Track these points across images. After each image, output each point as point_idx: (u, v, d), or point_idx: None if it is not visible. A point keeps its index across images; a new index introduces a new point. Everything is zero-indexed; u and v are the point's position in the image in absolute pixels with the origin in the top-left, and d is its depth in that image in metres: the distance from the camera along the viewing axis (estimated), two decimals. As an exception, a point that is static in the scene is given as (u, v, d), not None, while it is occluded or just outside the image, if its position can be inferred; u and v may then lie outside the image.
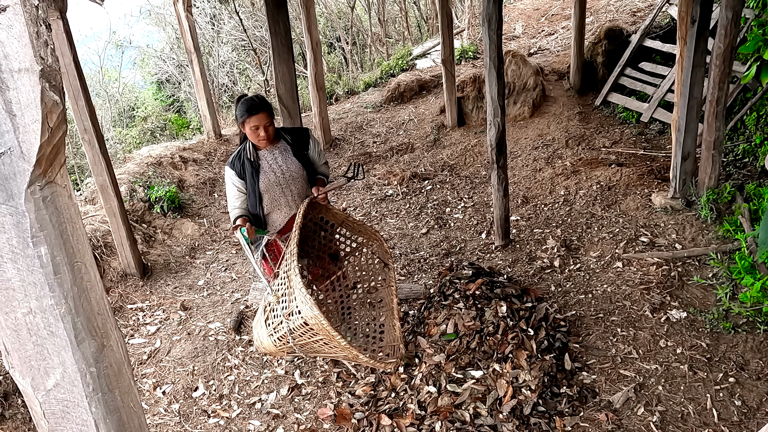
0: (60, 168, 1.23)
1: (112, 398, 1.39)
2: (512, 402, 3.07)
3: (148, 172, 6.45)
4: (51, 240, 1.21)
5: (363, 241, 3.62)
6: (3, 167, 1.13)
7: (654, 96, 6.73)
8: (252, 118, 3.16)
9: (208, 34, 12.74)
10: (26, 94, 1.10)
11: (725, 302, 3.69)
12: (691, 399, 3.09)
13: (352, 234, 3.62)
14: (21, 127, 1.11)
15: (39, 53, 1.09)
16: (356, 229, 3.58)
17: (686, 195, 4.82)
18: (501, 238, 4.87)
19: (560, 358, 3.40)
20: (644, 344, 3.51)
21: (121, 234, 4.91)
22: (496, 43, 4.20)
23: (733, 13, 4.23)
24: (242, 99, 3.23)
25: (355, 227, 3.57)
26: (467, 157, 6.91)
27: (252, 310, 4.48)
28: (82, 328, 1.30)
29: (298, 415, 3.41)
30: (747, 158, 5.33)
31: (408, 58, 10.22)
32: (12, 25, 1.06)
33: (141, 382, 3.87)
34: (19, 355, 1.29)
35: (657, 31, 7.44)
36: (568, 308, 3.96)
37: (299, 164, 3.40)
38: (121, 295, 4.90)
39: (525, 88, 7.44)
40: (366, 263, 3.66)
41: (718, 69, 4.44)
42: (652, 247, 4.44)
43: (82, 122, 4.52)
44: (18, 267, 1.21)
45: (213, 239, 5.92)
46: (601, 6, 9.77)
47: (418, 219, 5.71)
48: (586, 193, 5.42)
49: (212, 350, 4.09)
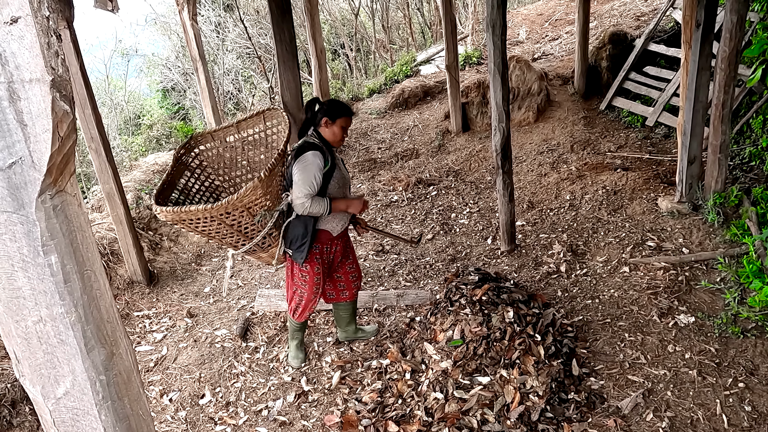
0: (70, 177, 1.24)
1: (121, 406, 1.39)
2: (520, 408, 3.05)
3: (154, 180, 6.48)
4: (61, 248, 1.22)
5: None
6: (14, 176, 1.14)
7: (659, 100, 6.72)
8: (348, 119, 3.33)
9: (213, 42, 12.82)
10: (37, 104, 1.11)
11: (733, 306, 3.67)
12: (701, 404, 3.07)
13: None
14: (32, 136, 1.12)
15: (50, 64, 1.10)
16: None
17: (693, 199, 4.80)
18: (507, 243, 4.86)
19: (568, 363, 3.39)
20: (652, 349, 3.49)
21: (128, 241, 4.93)
22: (500, 48, 4.20)
23: (737, 17, 4.23)
24: (334, 100, 3.40)
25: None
26: (472, 162, 6.91)
27: (258, 317, 4.48)
28: (92, 336, 1.30)
29: (304, 422, 3.40)
30: (754, 161, 5.31)
31: (412, 64, 10.24)
32: (23, 36, 1.07)
33: (148, 389, 3.87)
34: (30, 364, 1.29)
35: (661, 35, 7.44)
36: (575, 313, 3.94)
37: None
38: (128, 303, 4.91)
39: (529, 93, 7.45)
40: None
41: (724, 72, 4.43)
42: (659, 251, 4.42)
43: (88, 130, 4.55)
44: (28, 275, 1.21)
45: (219, 246, 5.93)
46: (605, 11, 9.77)
47: (424, 225, 5.70)
48: (592, 198, 5.41)
49: (219, 357, 4.09)
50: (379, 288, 4.67)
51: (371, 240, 5.54)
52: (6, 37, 1.07)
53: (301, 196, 3.13)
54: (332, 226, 3.41)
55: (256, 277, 5.18)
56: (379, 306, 4.39)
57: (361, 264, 5.10)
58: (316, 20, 7.06)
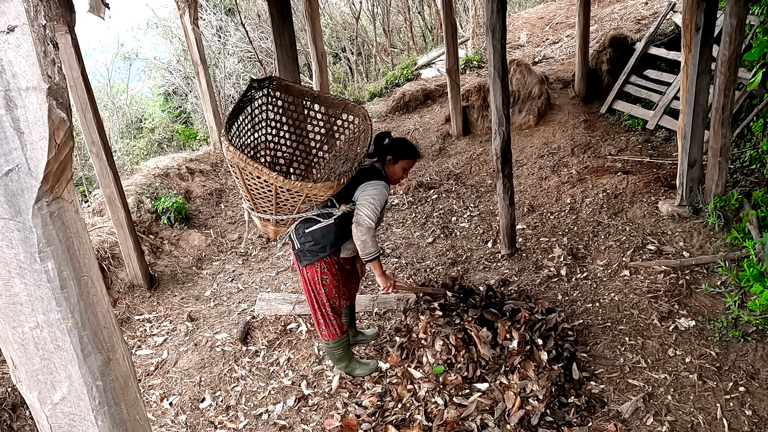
0: (67, 183, 1.25)
1: (118, 412, 1.39)
2: (520, 413, 3.05)
3: (155, 184, 6.50)
4: (58, 255, 1.23)
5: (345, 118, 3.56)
6: (11, 183, 1.14)
7: (659, 103, 6.72)
8: (411, 162, 3.31)
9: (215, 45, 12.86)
10: (34, 112, 1.11)
11: (734, 310, 3.66)
12: (701, 409, 3.06)
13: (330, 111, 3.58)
14: (29, 144, 1.13)
15: (46, 72, 1.11)
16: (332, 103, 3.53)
17: (693, 202, 4.80)
18: (507, 247, 4.86)
19: (568, 367, 3.38)
20: (652, 353, 3.48)
21: (129, 245, 4.94)
22: (500, 52, 4.21)
23: (737, 20, 4.23)
24: (405, 140, 3.36)
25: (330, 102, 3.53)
26: (473, 166, 6.91)
27: (258, 321, 4.48)
28: (89, 342, 1.31)
29: (304, 426, 3.40)
30: (754, 165, 5.30)
31: (413, 68, 10.26)
32: (20, 44, 1.08)
33: (148, 393, 3.88)
34: (27, 369, 1.30)
35: (662, 39, 7.44)
36: (575, 317, 3.94)
37: None
38: (129, 306, 4.92)
39: (530, 97, 7.45)
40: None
41: (724, 76, 4.43)
42: (659, 255, 4.41)
43: (90, 134, 4.56)
44: (25, 282, 1.22)
45: (220, 250, 5.94)
46: (605, 14, 9.78)
47: (424, 228, 5.71)
48: (593, 201, 5.41)
49: (219, 361, 4.09)
50: (379, 291, 4.67)
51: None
52: (3, 45, 1.07)
53: (369, 220, 3.14)
54: (346, 252, 3.40)
55: (256, 280, 5.18)
56: (380, 310, 4.39)
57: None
58: (317, 24, 7.08)
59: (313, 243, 3.23)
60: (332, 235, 3.23)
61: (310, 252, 3.26)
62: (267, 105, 3.45)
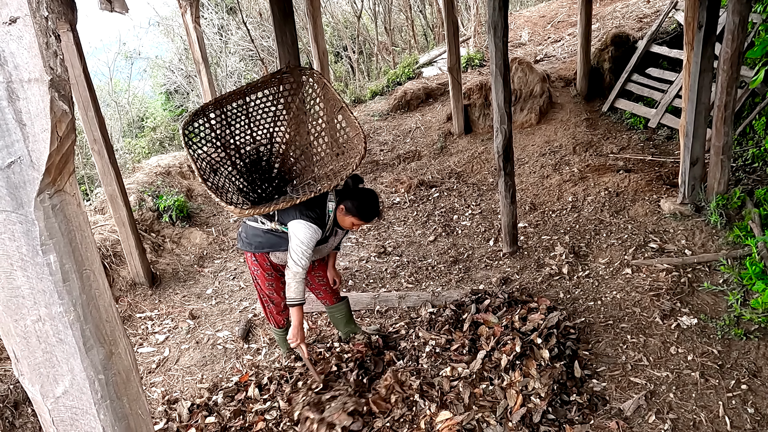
0: (69, 177, 1.25)
1: (120, 405, 1.39)
2: (522, 410, 3.04)
3: (157, 182, 6.50)
4: (60, 248, 1.22)
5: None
6: (13, 176, 1.14)
7: (661, 102, 6.71)
8: (361, 223, 3.24)
9: (216, 44, 12.86)
10: (36, 104, 1.11)
11: (736, 308, 3.66)
12: (703, 406, 3.05)
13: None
14: (31, 136, 1.13)
15: (48, 63, 1.11)
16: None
17: (695, 200, 4.79)
18: (509, 245, 4.85)
19: (570, 365, 3.37)
20: (655, 351, 3.47)
21: (130, 243, 4.94)
22: (502, 50, 4.20)
23: (740, 18, 4.22)
24: (370, 199, 3.23)
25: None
26: (474, 164, 6.91)
27: (260, 319, 4.48)
28: (91, 336, 1.31)
29: (306, 423, 3.40)
30: (756, 163, 5.29)
31: (414, 67, 10.25)
32: (22, 36, 1.08)
33: (150, 390, 3.88)
34: (29, 363, 1.30)
35: (664, 37, 7.43)
36: (577, 315, 3.93)
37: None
38: (130, 304, 4.92)
39: (532, 95, 7.44)
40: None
41: (726, 74, 4.42)
42: (661, 253, 4.41)
43: (91, 133, 4.56)
44: (27, 275, 1.22)
45: (221, 248, 5.94)
46: (607, 12, 9.77)
47: (426, 226, 5.70)
48: (594, 200, 5.40)
49: (220, 359, 4.09)
50: (381, 290, 4.67)
51: (373, 242, 5.54)
52: (5, 37, 1.07)
53: (297, 266, 3.11)
54: (276, 259, 3.43)
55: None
56: (381, 308, 4.39)
57: (363, 266, 5.10)
58: (319, 23, 7.08)
59: (245, 235, 3.40)
60: (258, 239, 3.34)
61: (242, 241, 3.44)
62: (279, 95, 3.67)
